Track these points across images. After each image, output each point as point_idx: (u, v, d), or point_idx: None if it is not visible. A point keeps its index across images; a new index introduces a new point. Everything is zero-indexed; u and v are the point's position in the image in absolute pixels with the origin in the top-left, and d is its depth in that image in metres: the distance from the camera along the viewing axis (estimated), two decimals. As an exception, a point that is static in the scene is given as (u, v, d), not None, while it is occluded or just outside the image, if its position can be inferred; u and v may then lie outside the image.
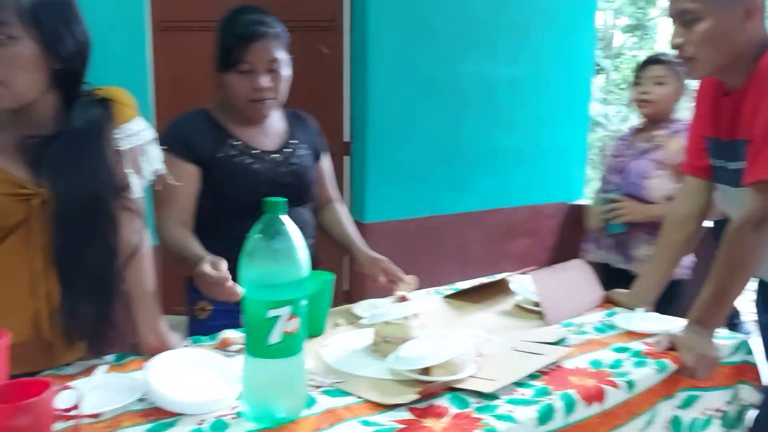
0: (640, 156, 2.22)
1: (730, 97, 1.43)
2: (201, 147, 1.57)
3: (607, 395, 1.21)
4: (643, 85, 2.23)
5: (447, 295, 1.75)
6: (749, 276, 1.36)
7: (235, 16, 1.57)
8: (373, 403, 1.12)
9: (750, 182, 1.32)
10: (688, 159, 1.63)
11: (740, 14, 1.32)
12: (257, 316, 1.01)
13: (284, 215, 1.03)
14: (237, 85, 1.56)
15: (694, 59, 1.38)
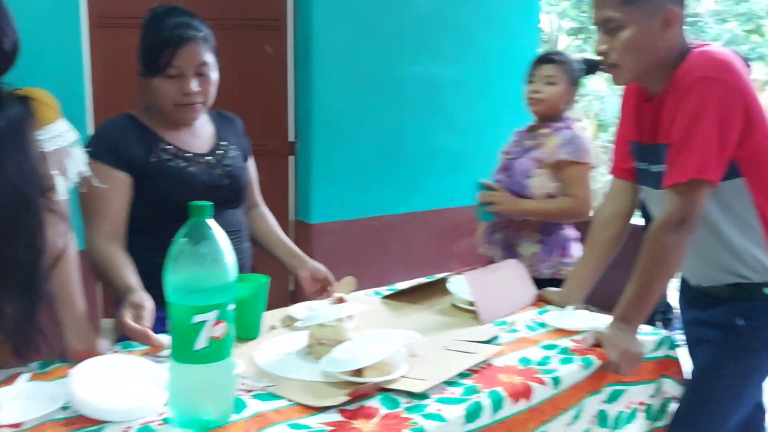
0: (524, 154, 2.22)
1: (651, 102, 1.49)
2: (132, 153, 1.53)
3: (533, 392, 1.24)
4: (535, 83, 2.23)
5: (385, 295, 1.77)
6: (670, 275, 1.42)
7: (161, 19, 1.53)
8: (303, 405, 1.13)
9: (668, 185, 1.38)
10: (614, 161, 1.69)
11: (660, 23, 1.38)
12: (183, 322, 1.00)
13: (210, 219, 1.02)
14: (165, 90, 1.53)
15: (617, 66, 1.43)
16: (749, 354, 1.46)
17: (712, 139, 1.32)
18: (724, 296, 1.49)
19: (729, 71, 1.34)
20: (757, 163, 1.40)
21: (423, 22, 3.80)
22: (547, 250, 2.17)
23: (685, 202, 1.35)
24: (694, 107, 1.33)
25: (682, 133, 1.35)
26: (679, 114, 1.36)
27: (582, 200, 2.14)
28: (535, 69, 2.24)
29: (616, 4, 1.37)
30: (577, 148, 2.13)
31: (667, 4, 1.37)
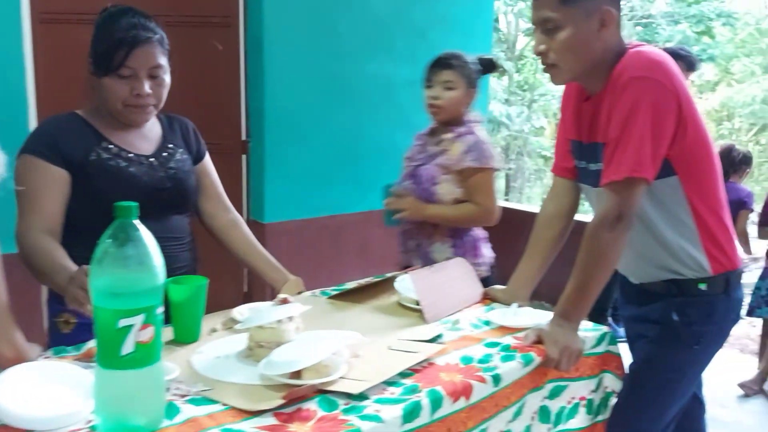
0: (429, 160, 2.16)
1: (589, 102, 1.50)
2: (71, 150, 1.50)
3: (473, 390, 1.24)
4: (434, 88, 2.17)
5: (331, 295, 1.75)
6: (608, 272, 1.44)
7: (115, 19, 1.50)
8: (238, 410, 1.10)
9: (605, 183, 1.40)
10: (556, 160, 1.70)
11: (596, 24, 1.40)
12: (108, 326, 0.97)
13: (136, 220, 0.99)
14: (117, 90, 1.50)
15: (555, 66, 1.44)
16: (684, 349, 1.50)
17: (646, 138, 1.34)
18: (661, 292, 1.52)
19: (663, 71, 1.36)
20: (690, 161, 1.43)
21: (378, 20, 3.79)
22: (460, 253, 2.14)
23: (620, 200, 1.37)
24: (628, 107, 1.35)
25: (617, 132, 1.36)
26: (615, 113, 1.38)
27: (486, 208, 2.12)
28: (433, 74, 2.18)
29: (554, 5, 1.39)
30: (480, 154, 2.09)
31: (603, 5, 1.39)
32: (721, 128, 12.97)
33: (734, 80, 12.65)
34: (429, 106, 2.18)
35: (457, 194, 2.12)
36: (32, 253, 1.44)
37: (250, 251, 1.78)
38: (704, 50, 10.93)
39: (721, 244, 1.48)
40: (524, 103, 10.29)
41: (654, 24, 10.97)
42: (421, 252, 2.20)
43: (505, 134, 9.99)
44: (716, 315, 1.49)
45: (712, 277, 1.48)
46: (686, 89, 1.39)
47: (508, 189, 10.46)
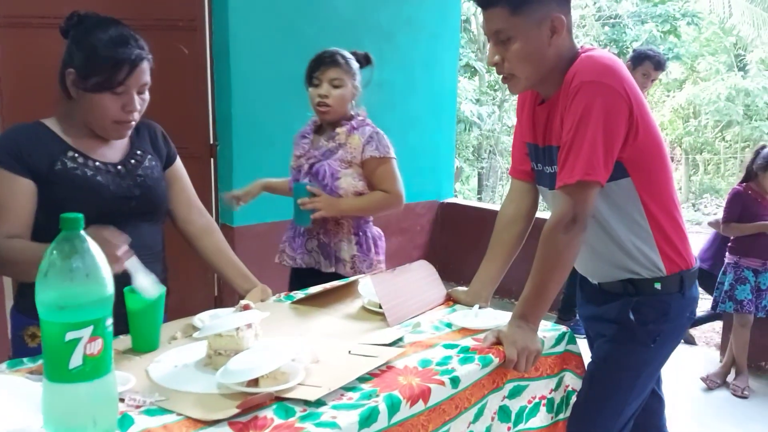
0: (326, 156, 2.16)
1: (543, 105, 1.52)
2: (36, 160, 1.47)
3: (431, 393, 1.25)
4: (321, 87, 2.13)
5: (295, 300, 1.75)
6: (565, 273, 1.46)
7: (106, 33, 1.47)
8: (193, 419, 1.10)
9: (559, 186, 1.41)
10: (513, 163, 1.72)
11: (547, 31, 1.42)
12: (55, 340, 0.95)
13: (82, 231, 0.98)
14: (108, 106, 1.48)
15: (512, 76, 1.46)
16: (640, 347, 1.52)
17: (597, 141, 1.36)
18: (618, 292, 1.54)
19: (613, 75, 1.38)
20: (643, 163, 1.45)
21: (344, 23, 3.79)
22: (364, 250, 2.21)
23: (574, 203, 1.39)
24: (580, 111, 1.37)
25: (570, 136, 1.38)
26: (567, 117, 1.40)
27: (395, 193, 2.18)
28: (320, 72, 2.14)
29: (505, 17, 1.40)
30: (380, 144, 2.15)
31: (553, 12, 1.41)
32: (687, 125, 13.20)
33: (700, 78, 12.88)
34: (318, 105, 2.14)
35: (359, 187, 2.15)
36: (9, 252, 1.41)
37: (221, 259, 1.77)
38: (670, 49, 11.12)
39: (675, 244, 1.51)
40: (495, 103, 10.36)
41: (621, 24, 11.12)
42: (327, 252, 2.20)
43: (476, 134, 10.05)
44: (671, 314, 1.52)
45: (667, 277, 1.50)
46: (637, 92, 1.42)
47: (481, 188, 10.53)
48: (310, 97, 2.17)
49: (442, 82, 4.50)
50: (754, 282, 3.27)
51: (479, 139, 10.27)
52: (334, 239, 2.20)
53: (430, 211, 4.59)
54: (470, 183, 10.45)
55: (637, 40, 10.88)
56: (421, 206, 4.52)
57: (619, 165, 1.42)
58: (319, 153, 2.18)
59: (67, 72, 1.48)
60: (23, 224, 1.46)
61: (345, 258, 2.19)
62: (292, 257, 2.27)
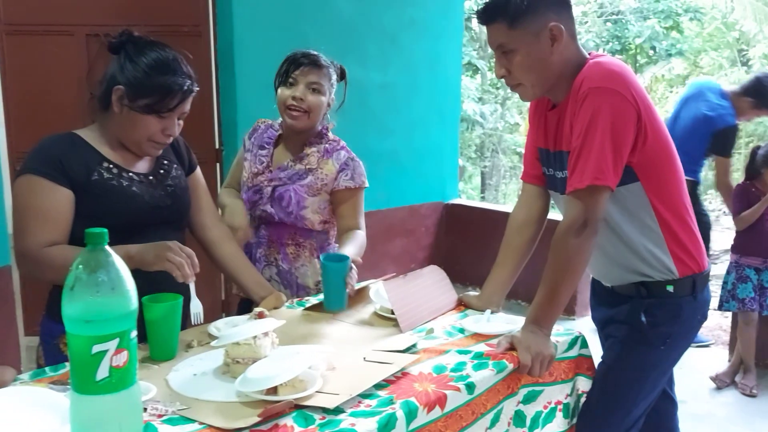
0: (295, 181, 1.89)
1: (554, 111, 1.55)
2: (74, 170, 1.50)
3: (448, 399, 1.26)
4: (296, 88, 1.85)
5: (307, 307, 1.76)
6: (577, 278, 1.47)
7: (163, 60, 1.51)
8: (215, 428, 1.12)
9: (569, 191, 1.43)
10: (525, 167, 1.74)
11: (547, 41, 1.45)
12: (82, 352, 0.97)
13: (106, 246, 1.00)
14: (149, 127, 1.53)
15: (521, 84, 1.50)
16: (649, 349, 1.54)
17: (606, 146, 1.38)
18: (630, 295, 1.56)
19: (621, 81, 1.40)
20: (652, 168, 1.47)
21: (347, 25, 3.81)
22: None
23: (585, 208, 1.41)
24: (588, 116, 1.39)
25: (579, 142, 1.40)
26: (576, 123, 1.42)
27: (364, 231, 1.94)
28: (299, 72, 1.86)
29: (504, 31, 1.45)
30: (355, 172, 1.91)
31: (549, 22, 1.44)
32: (691, 121, 13.17)
33: (703, 74, 12.86)
34: (289, 107, 1.85)
35: (324, 215, 1.93)
36: (52, 258, 1.43)
37: (238, 266, 1.79)
38: (673, 45, 11.12)
39: (687, 246, 1.53)
40: (497, 101, 10.37)
41: (623, 20, 11.12)
42: (288, 279, 1.95)
43: (479, 132, 10.05)
44: (683, 316, 1.54)
45: (679, 279, 1.52)
46: (646, 98, 1.44)
47: (484, 187, 10.53)
48: (279, 98, 1.88)
49: (446, 83, 4.51)
50: (757, 280, 3.28)
51: (482, 138, 10.28)
52: (295, 264, 1.94)
53: (435, 212, 4.60)
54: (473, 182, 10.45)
55: (640, 36, 10.87)
56: (426, 207, 4.54)
57: (628, 170, 1.44)
58: (285, 176, 1.90)
59: (114, 88, 1.51)
60: (62, 232, 1.49)
61: (309, 285, 1.94)
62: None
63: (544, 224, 1.73)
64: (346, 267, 1.65)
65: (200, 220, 1.76)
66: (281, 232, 1.94)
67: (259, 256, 1.95)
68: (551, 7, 1.45)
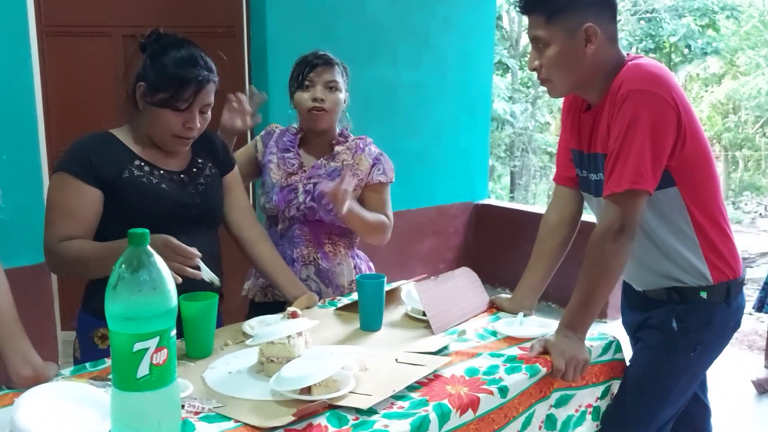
0: (335, 178, 1.86)
1: (589, 113, 1.53)
2: (104, 169, 1.54)
3: (480, 403, 1.26)
4: (314, 89, 1.87)
5: (338, 307, 1.77)
6: (613, 282, 1.46)
7: (179, 53, 1.53)
8: (251, 426, 1.13)
9: (607, 195, 1.42)
10: (557, 169, 1.72)
11: (581, 40, 1.44)
12: (124, 350, 1.00)
13: (148, 246, 1.02)
14: (171, 122, 1.55)
15: (549, 81, 1.50)
16: (679, 356, 1.52)
17: (645, 149, 1.36)
18: (662, 299, 1.54)
19: (661, 84, 1.39)
20: (690, 172, 1.45)
21: (379, 25, 3.82)
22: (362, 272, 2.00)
23: (622, 212, 1.39)
24: (627, 119, 1.37)
25: (617, 145, 1.39)
26: (614, 126, 1.40)
27: (391, 223, 1.96)
28: (314, 74, 1.88)
29: (541, 23, 1.44)
30: (386, 166, 1.96)
31: (586, 22, 1.43)
32: (726, 121, 12.93)
33: (739, 73, 12.60)
34: (311, 109, 1.87)
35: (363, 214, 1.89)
36: (73, 251, 1.47)
37: (274, 266, 1.81)
38: (709, 43, 10.90)
39: (722, 253, 1.50)
40: (528, 100, 10.29)
41: (658, 18, 10.94)
42: (328, 278, 1.95)
43: (509, 132, 9.99)
44: (715, 323, 1.51)
45: (713, 286, 1.49)
46: (685, 100, 1.41)
47: (514, 186, 10.47)
48: (297, 102, 1.90)
49: (477, 82, 4.49)
50: None
51: (512, 137, 10.21)
52: (334, 262, 1.95)
53: (464, 212, 4.59)
54: (502, 182, 10.39)
55: (674, 35, 10.69)
56: (456, 208, 4.52)
57: (666, 174, 1.42)
58: (324, 173, 1.93)
59: (138, 84, 1.55)
60: (85, 229, 1.53)
61: (344, 284, 1.96)
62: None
63: (578, 226, 1.72)
64: (383, 285, 1.63)
65: (236, 219, 1.78)
66: (318, 231, 1.95)
67: (296, 256, 1.94)
68: (592, 8, 1.44)
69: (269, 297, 1.96)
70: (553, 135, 10.87)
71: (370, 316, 1.63)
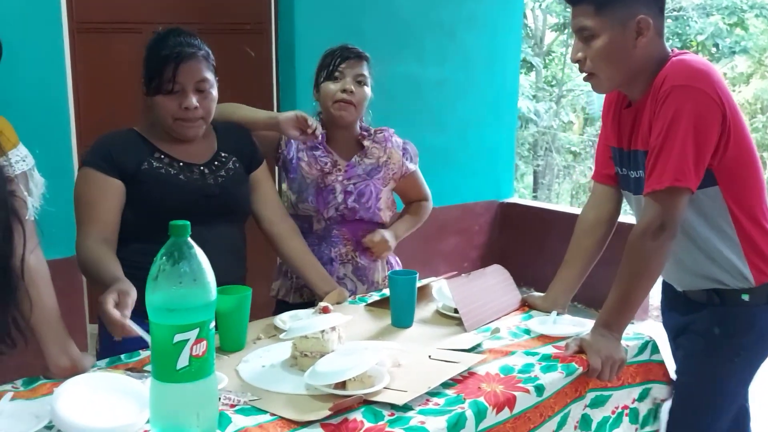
0: (372, 176, 1.92)
1: (630, 109, 1.50)
2: (125, 161, 1.57)
3: (517, 401, 1.25)
4: (345, 81, 1.84)
5: (369, 303, 1.77)
6: (652, 281, 1.43)
7: (162, 39, 1.56)
8: (286, 420, 1.13)
9: (647, 192, 1.39)
10: (596, 166, 1.70)
11: (632, 33, 1.40)
12: (164, 341, 1.00)
13: (189, 238, 1.02)
14: (167, 106, 1.56)
15: (594, 75, 1.45)
16: (724, 362, 1.48)
17: (688, 146, 1.33)
18: (702, 301, 1.51)
19: (706, 80, 1.35)
20: (733, 172, 1.41)
21: (405, 21, 3.80)
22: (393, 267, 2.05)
23: (663, 210, 1.36)
24: (670, 115, 1.34)
25: (660, 141, 1.36)
26: (657, 122, 1.37)
27: (430, 199, 2.11)
28: (346, 65, 1.85)
29: (590, 14, 1.40)
30: (412, 153, 2.01)
31: (640, 14, 1.39)
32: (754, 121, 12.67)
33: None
34: (339, 101, 1.84)
35: (389, 202, 2.00)
36: (87, 259, 1.49)
37: (305, 261, 1.81)
38: (737, 42, 10.70)
39: (765, 254, 1.46)
40: (552, 99, 10.19)
41: (685, 17, 10.77)
42: (365, 275, 1.97)
43: (533, 130, 9.91)
44: (758, 326, 1.48)
45: (755, 288, 1.46)
46: (731, 98, 1.38)
47: (536, 186, 10.38)
48: (324, 93, 1.86)
49: (503, 80, 4.46)
50: None
51: (535, 136, 10.12)
52: (371, 260, 1.97)
53: (489, 210, 4.56)
54: (525, 181, 10.31)
55: (702, 33, 10.52)
56: (480, 206, 4.49)
57: (707, 172, 1.39)
58: (362, 171, 1.92)
59: (141, 83, 1.59)
60: (110, 224, 1.55)
61: (378, 280, 1.98)
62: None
63: (615, 225, 1.69)
64: (415, 281, 1.62)
65: (266, 215, 1.78)
66: (356, 230, 1.95)
67: (335, 256, 1.93)
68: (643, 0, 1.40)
69: (305, 297, 1.93)
70: (576, 134, 10.75)
71: (402, 312, 1.62)
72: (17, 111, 1.80)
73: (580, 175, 10.44)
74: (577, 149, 10.55)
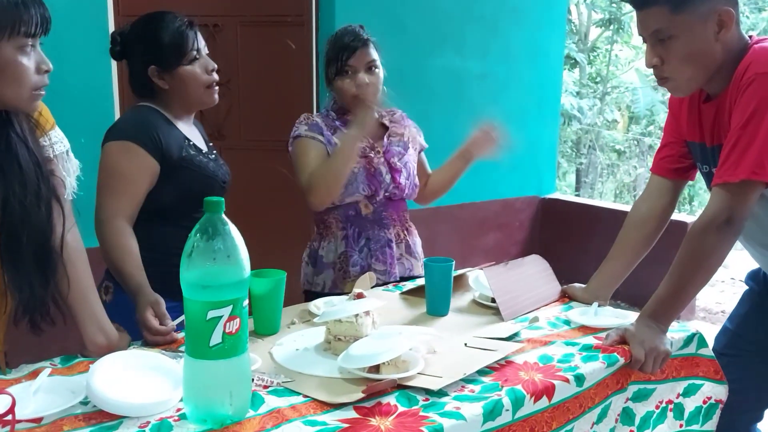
0: (407, 149, 1.95)
1: (711, 103, 1.42)
2: (170, 146, 1.59)
3: (556, 390, 1.21)
4: (357, 76, 1.81)
5: (404, 291, 1.75)
6: (708, 277, 1.36)
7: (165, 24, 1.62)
8: (319, 402, 1.12)
9: (717, 183, 1.31)
10: (656, 158, 1.62)
11: (713, 27, 1.32)
12: (197, 318, 1.00)
13: (223, 214, 1.02)
14: (195, 73, 1.61)
15: (673, 80, 1.37)
16: None
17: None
18: None
19: None
20: None
21: (447, 15, 3.76)
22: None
23: (733, 203, 1.29)
24: (753, 104, 1.26)
25: (739, 131, 1.27)
26: (737, 109, 1.29)
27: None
28: (354, 58, 1.81)
29: (665, 15, 1.31)
30: (419, 128, 2.10)
31: (720, 5, 1.31)
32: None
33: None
34: (356, 96, 1.81)
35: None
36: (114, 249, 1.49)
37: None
38: (791, 37, 10.31)
39: None
40: (596, 96, 9.99)
41: (737, 11, 10.43)
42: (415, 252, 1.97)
43: (576, 128, 9.73)
44: None
45: None
46: None
47: (579, 184, 10.19)
48: (340, 90, 1.84)
49: (547, 74, 4.38)
50: None
51: (578, 134, 9.95)
52: (414, 238, 1.99)
53: (530, 206, 4.48)
54: (567, 179, 10.13)
55: (754, 29, 10.17)
56: (521, 201, 4.43)
57: None
58: (398, 150, 1.93)
59: (149, 71, 1.60)
60: (140, 202, 1.56)
61: (420, 253, 2.00)
62: (386, 272, 1.89)
63: (668, 221, 1.61)
64: (451, 268, 1.59)
65: None
66: (400, 209, 1.97)
67: (392, 237, 1.91)
68: None
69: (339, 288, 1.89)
70: (621, 132, 10.51)
71: (438, 300, 1.59)
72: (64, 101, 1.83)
73: (624, 174, 10.21)
74: (621, 147, 10.32)
